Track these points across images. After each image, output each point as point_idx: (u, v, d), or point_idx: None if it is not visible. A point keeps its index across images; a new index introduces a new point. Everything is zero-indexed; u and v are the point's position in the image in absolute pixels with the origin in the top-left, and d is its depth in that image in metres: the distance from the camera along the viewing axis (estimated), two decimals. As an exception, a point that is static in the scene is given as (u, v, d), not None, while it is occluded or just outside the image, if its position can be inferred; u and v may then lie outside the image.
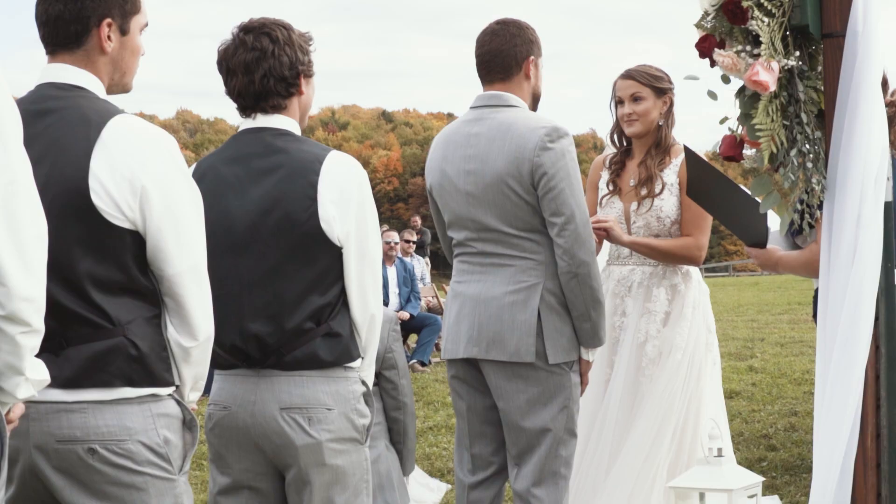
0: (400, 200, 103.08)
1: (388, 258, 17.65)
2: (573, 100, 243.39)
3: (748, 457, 9.73)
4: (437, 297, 19.80)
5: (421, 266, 20.01)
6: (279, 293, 4.41)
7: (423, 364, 16.88)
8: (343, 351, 4.46)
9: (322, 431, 4.41)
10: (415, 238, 20.08)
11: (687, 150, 5.89)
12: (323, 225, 4.37)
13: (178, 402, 3.90)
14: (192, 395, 3.99)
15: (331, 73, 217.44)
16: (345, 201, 4.41)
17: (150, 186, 3.73)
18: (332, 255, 4.41)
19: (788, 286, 34.35)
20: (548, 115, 5.67)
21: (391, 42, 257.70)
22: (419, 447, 10.60)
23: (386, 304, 16.93)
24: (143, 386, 3.78)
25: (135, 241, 3.75)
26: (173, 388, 3.89)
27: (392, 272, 17.65)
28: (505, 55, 5.62)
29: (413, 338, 18.25)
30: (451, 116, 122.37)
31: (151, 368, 3.79)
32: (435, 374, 16.09)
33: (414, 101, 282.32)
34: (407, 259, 18.67)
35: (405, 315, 17.29)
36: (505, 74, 5.64)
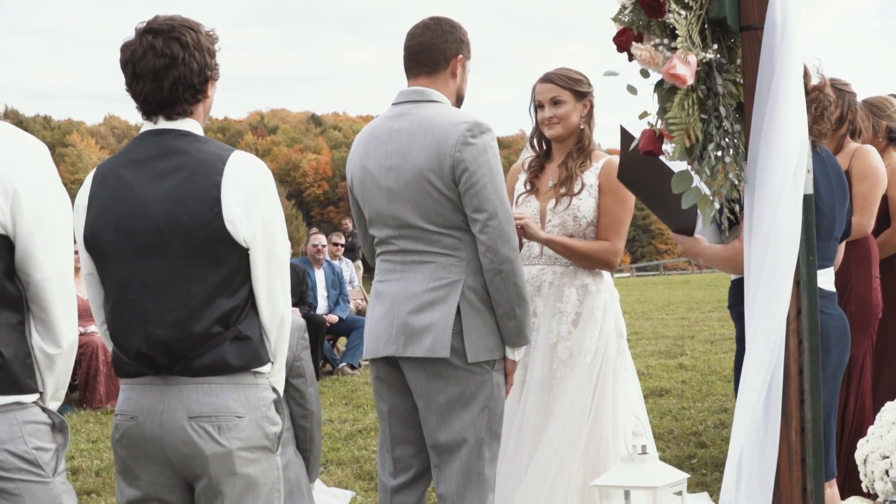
0: (330, 204, 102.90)
1: (315, 261, 17.57)
2: (501, 102, 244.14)
3: (678, 454, 9.73)
4: (366, 299, 19.72)
5: (349, 269, 19.92)
6: (185, 297, 4.32)
7: (352, 367, 16.79)
8: (253, 355, 4.39)
9: (232, 440, 4.34)
10: (343, 241, 19.99)
11: (623, 129, 5.86)
12: (228, 226, 4.30)
13: (43, 409, 3.86)
14: (52, 405, 3.97)
15: (259, 76, 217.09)
16: (250, 201, 4.34)
17: (21, 191, 3.72)
18: (238, 257, 4.34)
19: (718, 284, 34.52)
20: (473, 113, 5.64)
21: (317, 45, 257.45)
22: (348, 450, 10.56)
23: (315, 306, 16.84)
24: (8, 394, 3.75)
25: (4, 246, 3.73)
26: (38, 396, 3.85)
27: (320, 275, 17.56)
28: (434, 49, 5.60)
29: (342, 341, 18.16)
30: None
31: (15, 376, 3.76)
32: (364, 376, 16.01)
33: (342, 104, 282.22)
34: (335, 262, 18.58)
35: (334, 318, 17.21)
36: (432, 69, 5.62)
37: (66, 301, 3.85)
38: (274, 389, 4.51)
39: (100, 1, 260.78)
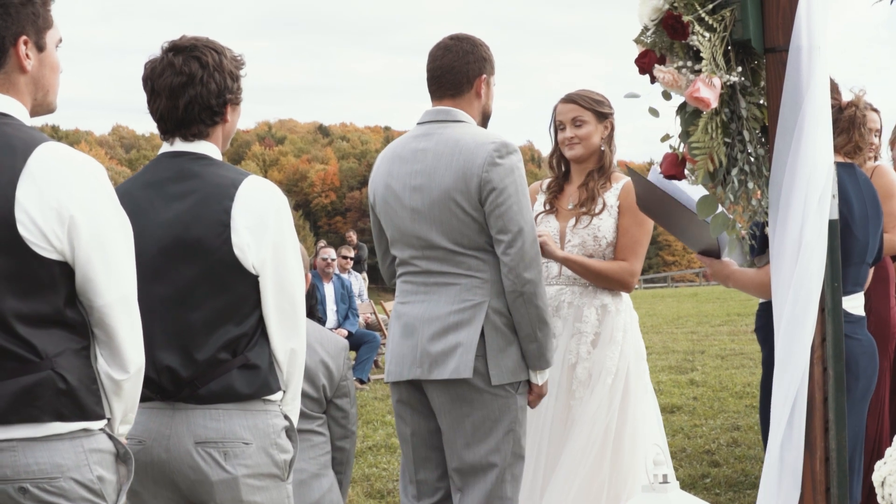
0: (338, 214, 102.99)
1: (325, 275, 17.51)
2: (510, 112, 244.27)
3: (691, 473, 9.66)
4: (375, 313, 19.66)
5: (359, 282, 19.88)
6: (189, 321, 4.25)
7: (361, 382, 16.73)
8: (262, 384, 4.30)
9: (238, 466, 4.26)
10: (352, 254, 19.93)
11: (631, 171, 5.81)
12: (236, 251, 4.22)
13: (110, 437, 3.77)
14: (122, 429, 3.86)
15: (267, 87, 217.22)
16: (261, 228, 4.25)
17: (78, 216, 3.61)
18: (247, 284, 4.26)
19: (727, 297, 34.43)
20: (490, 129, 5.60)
21: (326, 56, 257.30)
22: (359, 468, 10.48)
23: (324, 321, 16.77)
24: (74, 420, 3.65)
25: (63, 273, 3.63)
26: (105, 422, 3.76)
27: (329, 289, 17.49)
28: (456, 72, 5.56)
29: (352, 355, 18.10)
30: (387, 130, 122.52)
31: (81, 402, 3.66)
32: (374, 391, 15.95)
33: (350, 114, 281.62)
34: (344, 275, 18.52)
35: (343, 332, 17.13)
36: (455, 91, 5.58)
37: (131, 325, 3.76)
38: (286, 417, 4.42)
39: (106, 11, 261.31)
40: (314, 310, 17.04)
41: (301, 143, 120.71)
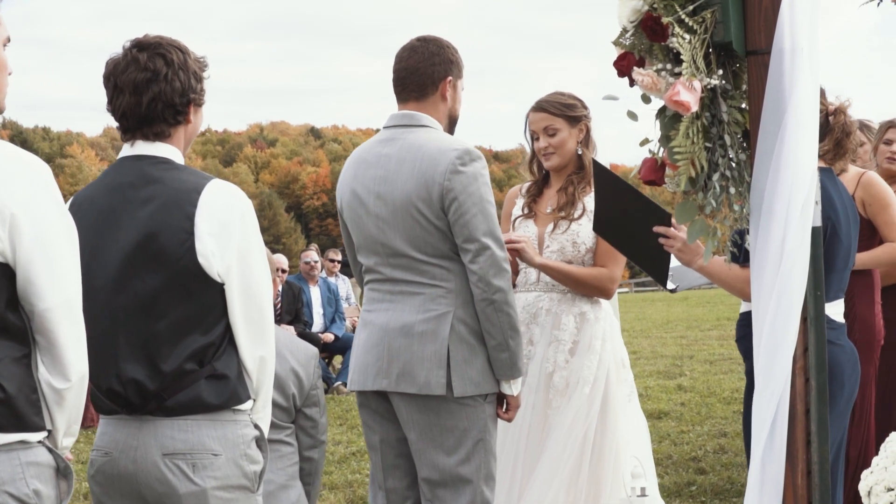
0: (329, 216, 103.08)
1: (310, 278, 17.43)
2: (502, 114, 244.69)
3: (677, 481, 9.57)
4: (362, 317, 19.49)
5: (346, 286, 19.76)
6: (154, 332, 4.13)
7: (346, 386, 16.61)
8: (231, 394, 4.19)
9: (207, 478, 4.14)
10: (339, 258, 19.82)
11: (595, 163, 5.69)
12: (200, 259, 4.10)
13: (50, 450, 3.65)
14: (66, 441, 3.74)
15: (259, 90, 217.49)
16: (225, 234, 4.13)
17: (20, 214, 3.50)
18: (213, 292, 4.14)
19: (717, 301, 34.44)
20: (477, 131, 5.57)
21: (318, 59, 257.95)
22: (341, 474, 10.41)
23: (310, 324, 16.67)
24: (11, 431, 3.53)
25: (4, 274, 3.51)
26: (45, 434, 3.64)
27: (315, 292, 17.41)
28: (421, 73, 5.44)
29: (338, 359, 18.01)
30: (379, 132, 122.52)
31: (20, 412, 3.53)
32: (360, 396, 15.80)
33: (342, 117, 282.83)
34: (331, 279, 18.42)
35: (329, 336, 17.04)
36: (420, 93, 5.46)
37: (74, 331, 3.63)
38: (256, 426, 4.32)
39: (98, 13, 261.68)
40: (300, 313, 17.04)
41: (293, 145, 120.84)
